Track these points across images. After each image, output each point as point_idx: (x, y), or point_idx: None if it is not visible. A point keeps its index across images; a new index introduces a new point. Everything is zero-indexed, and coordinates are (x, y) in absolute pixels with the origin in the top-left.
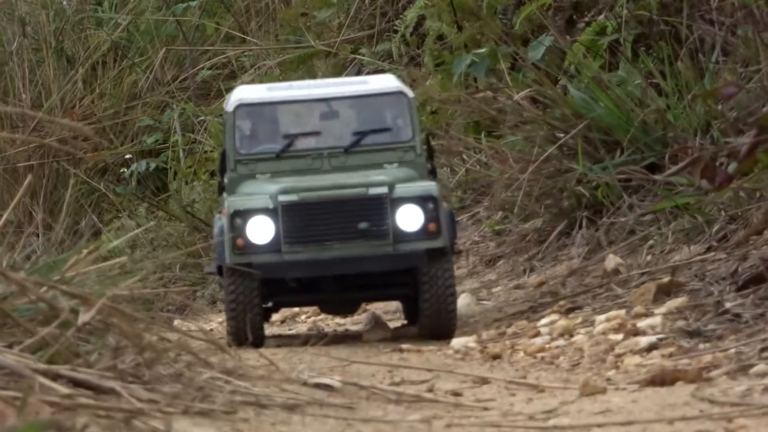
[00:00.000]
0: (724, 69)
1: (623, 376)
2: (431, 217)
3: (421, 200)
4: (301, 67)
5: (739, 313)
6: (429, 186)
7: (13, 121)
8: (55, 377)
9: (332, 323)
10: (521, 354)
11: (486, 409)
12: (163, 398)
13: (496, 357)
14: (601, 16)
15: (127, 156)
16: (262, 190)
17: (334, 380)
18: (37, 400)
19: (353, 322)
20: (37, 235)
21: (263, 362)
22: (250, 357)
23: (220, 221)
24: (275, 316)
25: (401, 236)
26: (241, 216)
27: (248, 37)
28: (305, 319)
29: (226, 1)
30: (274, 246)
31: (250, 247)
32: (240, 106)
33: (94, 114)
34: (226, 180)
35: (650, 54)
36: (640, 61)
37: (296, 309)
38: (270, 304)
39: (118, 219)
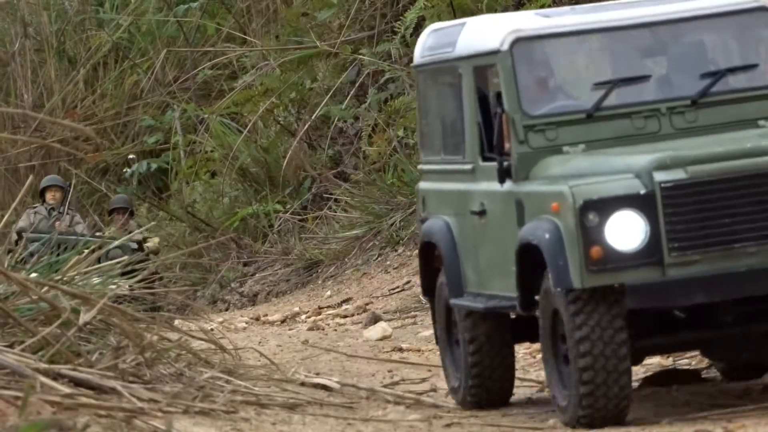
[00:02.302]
0: None
1: None
2: None
3: None
4: (302, 67)
5: None
6: None
7: (15, 122)
8: (57, 377)
9: (332, 323)
10: (521, 353)
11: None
12: (163, 398)
13: None
14: None
15: (130, 156)
16: (610, 167)
17: (332, 381)
18: (39, 399)
19: (353, 322)
20: None
21: (263, 362)
22: (250, 357)
23: (543, 221)
24: (276, 315)
25: None
26: (597, 209)
27: (249, 38)
28: (305, 318)
29: (227, 2)
30: (649, 255)
31: (613, 259)
32: (520, 41)
33: (95, 114)
34: (509, 160)
35: None
36: None
37: (296, 308)
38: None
39: None
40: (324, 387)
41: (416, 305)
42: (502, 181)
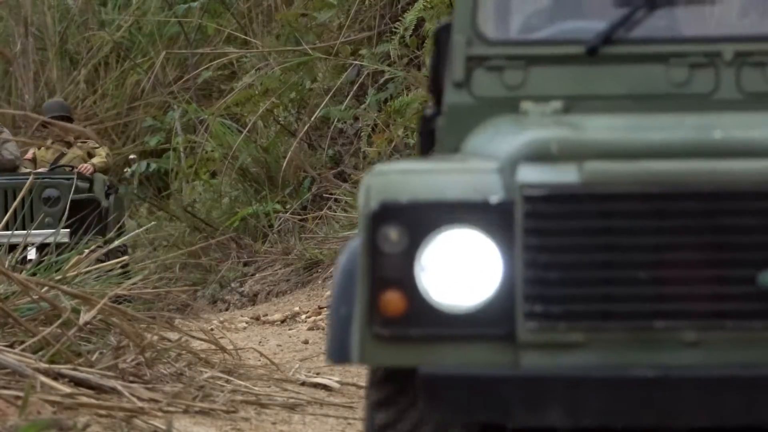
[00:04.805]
0: None
1: None
2: None
3: None
4: (302, 68)
5: None
6: None
7: (16, 122)
8: (57, 376)
9: None
10: None
11: None
12: (164, 397)
13: None
14: None
15: (131, 156)
16: (489, 148)
17: (332, 381)
18: (39, 399)
19: None
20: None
21: (263, 362)
22: (250, 357)
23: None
24: (276, 315)
25: None
26: (404, 222)
27: (249, 39)
28: (305, 318)
29: (227, 2)
30: (492, 320)
31: (424, 319)
32: None
33: (96, 114)
34: (440, 120)
35: None
36: None
37: (296, 308)
38: None
39: None
40: (324, 387)
41: None
42: (424, 150)
